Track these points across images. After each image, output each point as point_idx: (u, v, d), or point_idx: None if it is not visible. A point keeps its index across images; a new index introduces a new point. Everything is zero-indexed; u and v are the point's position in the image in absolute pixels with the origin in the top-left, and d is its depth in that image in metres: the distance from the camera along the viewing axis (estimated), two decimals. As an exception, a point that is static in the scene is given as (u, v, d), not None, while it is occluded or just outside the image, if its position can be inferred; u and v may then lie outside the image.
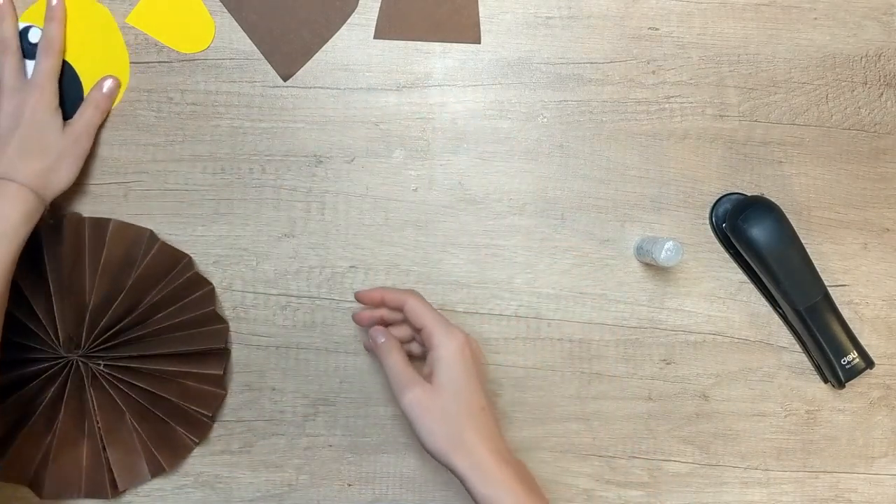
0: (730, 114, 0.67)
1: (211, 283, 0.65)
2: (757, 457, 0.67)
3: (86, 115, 0.64)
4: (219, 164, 0.66)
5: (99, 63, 0.66)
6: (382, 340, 0.59)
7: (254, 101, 0.66)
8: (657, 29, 0.67)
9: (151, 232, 0.64)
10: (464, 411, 0.55)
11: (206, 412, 0.64)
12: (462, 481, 0.55)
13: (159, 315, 0.63)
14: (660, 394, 0.67)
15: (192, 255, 0.65)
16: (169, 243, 0.65)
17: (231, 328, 0.66)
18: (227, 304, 0.66)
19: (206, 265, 0.66)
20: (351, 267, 0.66)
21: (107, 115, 0.65)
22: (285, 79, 0.67)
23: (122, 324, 0.62)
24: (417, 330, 0.59)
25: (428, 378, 0.57)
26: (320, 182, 0.67)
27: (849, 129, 0.68)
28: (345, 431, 0.66)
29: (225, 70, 0.66)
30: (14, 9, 0.64)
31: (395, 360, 0.58)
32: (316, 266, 0.67)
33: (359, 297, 0.62)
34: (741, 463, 0.67)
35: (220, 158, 0.66)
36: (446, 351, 0.56)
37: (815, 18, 0.68)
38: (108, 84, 0.65)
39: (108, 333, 0.62)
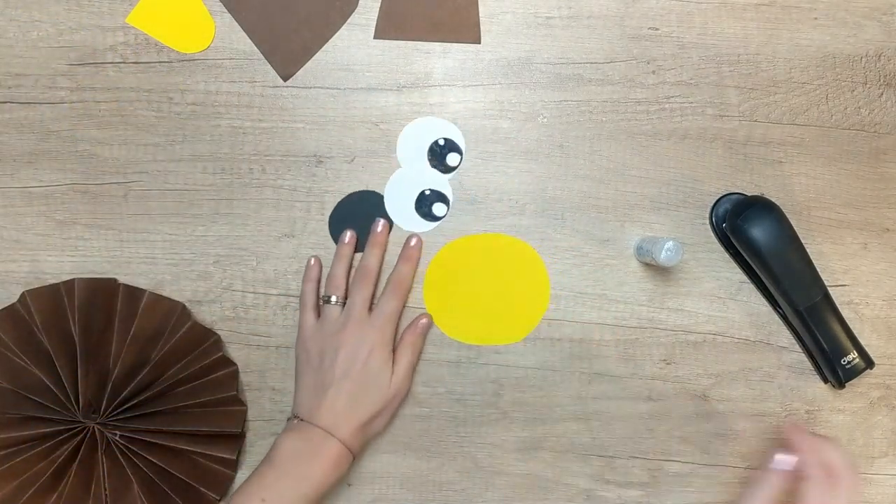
0: (730, 114, 0.67)
1: (235, 364, 0.65)
2: (757, 457, 0.67)
3: (404, 361, 0.63)
4: (219, 164, 0.66)
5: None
6: (789, 468, 0.57)
7: (254, 101, 0.66)
8: (657, 29, 0.67)
9: (184, 306, 0.64)
10: None
11: (214, 494, 0.63)
12: None
13: (180, 390, 0.63)
14: (660, 394, 0.67)
15: (220, 335, 0.65)
16: (200, 322, 0.65)
17: (231, 328, 0.66)
18: (227, 304, 0.66)
19: (206, 265, 0.66)
20: (351, 267, 0.66)
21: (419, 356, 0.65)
22: (285, 79, 0.67)
23: (143, 396, 0.62)
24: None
25: None
26: (320, 182, 0.67)
27: (849, 129, 0.68)
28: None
29: (225, 70, 0.66)
30: (386, 243, 0.65)
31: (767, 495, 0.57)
32: (316, 266, 0.67)
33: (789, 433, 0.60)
34: (741, 463, 0.67)
35: (220, 158, 0.66)
36: None
37: (815, 18, 0.68)
38: (422, 323, 0.65)
39: (129, 404, 0.62)
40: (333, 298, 0.63)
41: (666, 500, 0.67)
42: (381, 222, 0.65)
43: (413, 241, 0.65)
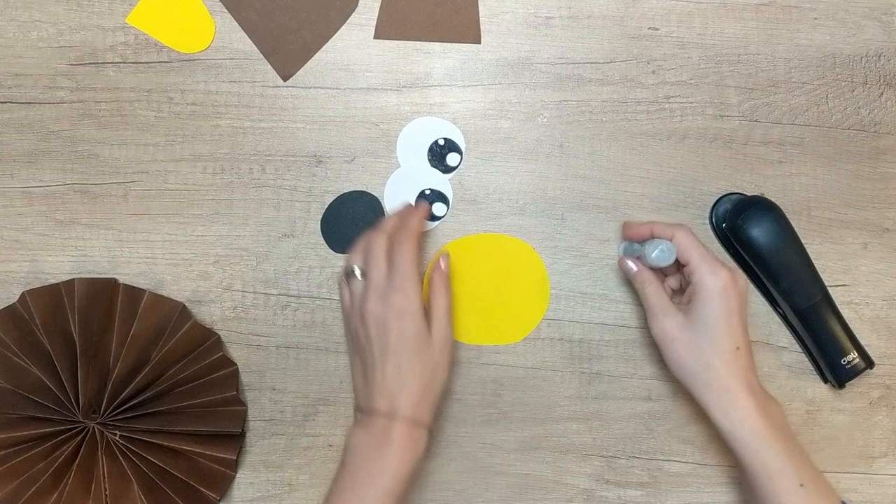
0: (730, 114, 0.67)
1: (235, 364, 0.65)
2: (757, 457, 0.67)
3: (439, 308, 0.59)
4: (219, 164, 0.66)
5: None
6: (635, 270, 0.61)
7: (254, 101, 0.66)
8: (657, 29, 0.67)
9: (184, 306, 0.64)
10: (714, 347, 0.56)
11: (214, 494, 0.63)
12: (706, 412, 0.56)
13: (180, 390, 0.63)
14: (660, 394, 0.67)
15: (220, 335, 0.65)
16: (200, 322, 0.65)
17: (231, 328, 0.66)
18: (227, 303, 0.66)
19: (206, 265, 0.66)
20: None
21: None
22: (285, 79, 0.67)
23: (143, 396, 0.62)
24: (682, 266, 0.59)
25: (685, 310, 0.58)
26: (320, 182, 0.67)
27: (849, 129, 0.68)
28: (345, 431, 0.66)
29: (225, 70, 0.66)
30: (415, 222, 0.61)
31: (653, 290, 0.60)
32: (316, 266, 0.67)
33: (627, 229, 0.63)
34: (741, 463, 0.67)
35: (220, 158, 0.66)
36: (707, 287, 0.57)
37: (815, 18, 0.68)
38: (444, 263, 0.62)
39: (129, 405, 0.62)
40: (357, 270, 0.59)
41: (666, 500, 0.67)
42: (423, 205, 0.65)
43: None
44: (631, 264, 0.62)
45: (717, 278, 0.57)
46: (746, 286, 0.59)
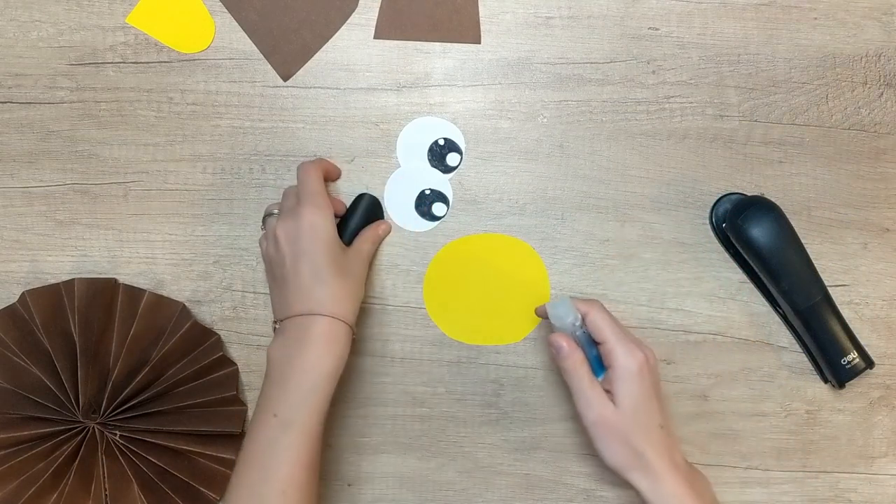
0: (730, 114, 0.67)
1: (235, 364, 0.65)
2: (757, 457, 0.67)
3: (366, 234, 0.64)
4: (219, 164, 0.66)
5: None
6: (564, 347, 0.57)
7: (254, 101, 0.66)
8: (657, 29, 0.67)
9: (184, 306, 0.64)
10: (643, 430, 0.56)
11: (214, 494, 0.63)
12: (641, 496, 0.55)
13: (180, 390, 0.63)
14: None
15: (220, 335, 0.65)
16: (200, 322, 0.65)
17: (231, 328, 0.66)
18: (227, 303, 0.66)
19: (206, 265, 0.66)
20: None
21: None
22: (285, 79, 0.67)
23: (143, 396, 0.62)
24: (598, 343, 0.58)
25: (608, 393, 0.57)
26: (320, 182, 0.67)
27: (849, 129, 0.68)
28: (344, 432, 0.66)
29: (225, 70, 0.66)
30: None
31: (582, 377, 0.57)
32: (316, 266, 0.67)
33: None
34: (741, 463, 0.67)
35: (220, 158, 0.66)
36: (627, 370, 0.56)
37: (815, 18, 0.68)
38: (382, 227, 0.65)
39: (129, 404, 0.62)
40: (275, 211, 0.62)
41: (666, 500, 0.67)
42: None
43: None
44: (562, 343, 0.57)
45: (634, 359, 0.56)
46: (657, 363, 0.58)
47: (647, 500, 0.55)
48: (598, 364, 0.58)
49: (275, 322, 0.59)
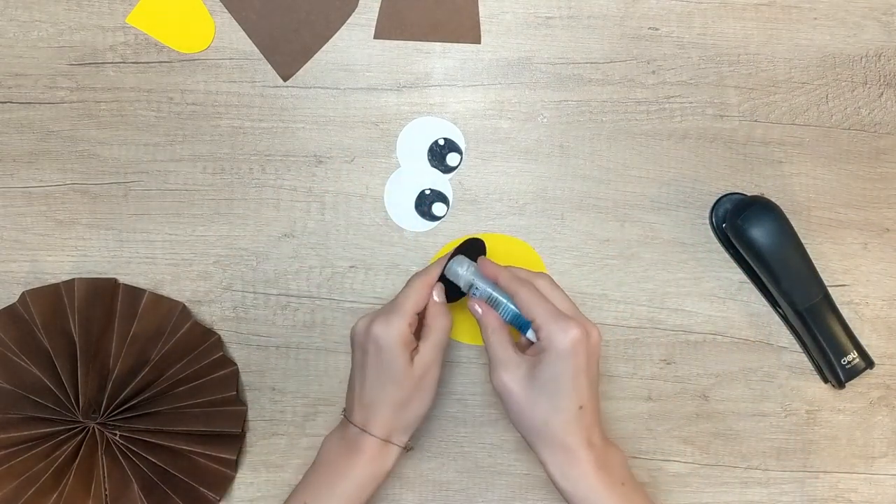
0: (730, 114, 0.67)
1: (235, 364, 0.65)
2: (757, 457, 0.67)
3: (427, 341, 0.58)
4: (219, 164, 0.66)
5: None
6: (480, 313, 0.58)
7: (254, 101, 0.66)
8: (657, 29, 0.67)
9: (184, 306, 0.64)
10: (557, 407, 0.54)
11: (214, 494, 0.63)
12: (546, 471, 0.55)
13: (180, 390, 0.63)
14: (660, 394, 0.67)
15: (220, 335, 0.65)
16: (200, 322, 0.65)
17: (231, 328, 0.66)
18: (227, 303, 0.66)
19: (206, 265, 0.66)
20: (351, 267, 0.67)
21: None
22: (285, 79, 0.67)
23: (143, 396, 0.62)
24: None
25: (531, 362, 0.55)
26: (320, 182, 0.67)
27: (849, 129, 0.68)
28: (345, 431, 0.66)
29: (225, 70, 0.66)
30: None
31: (497, 339, 0.57)
32: (316, 266, 0.67)
33: (481, 270, 0.59)
34: (741, 463, 0.67)
35: (220, 158, 0.66)
36: (555, 345, 0.54)
37: (815, 18, 0.68)
38: (437, 294, 0.59)
39: (129, 404, 0.62)
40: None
41: (666, 500, 0.67)
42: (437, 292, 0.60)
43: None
44: (477, 307, 0.58)
45: (566, 336, 0.54)
46: (600, 339, 0.56)
47: (552, 477, 0.55)
48: (524, 319, 0.57)
49: (344, 410, 0.60)
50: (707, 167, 0.67)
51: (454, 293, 0.60)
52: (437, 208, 0.66)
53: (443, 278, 0.60)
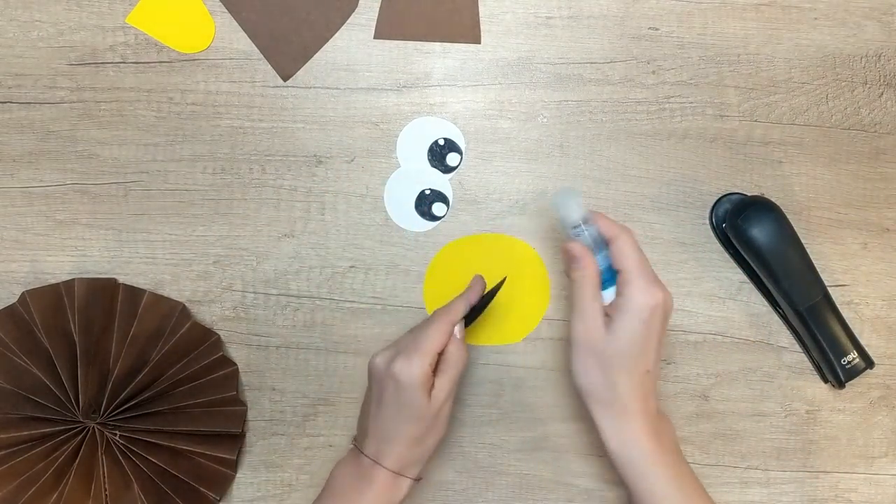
0: (730, 114, 0.67)
1: (235, 364, 0.65)
2: (757, 457, 0.67)
3: (443, 376, 0.57)
4: (219, 164, 0.66)
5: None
6: (580, 259, 0.55)
7: (254, 101, 0.66)
8: (657, 29, 0.67)
9: (184, 306, 0.64)
10: (626, 368, 0.54)
11: (214, 494, 0.63)
12: (597, 428, 0.55)
13: (180, 390, 0.63)
14: (660, 394, 0.67)
15: (220, 335, 0.65)
16: (200, 322, 0.65)
17: (231, 328, 0.66)
18: (227, 303, 0.66)
19: (206, 265, 0.66)
20: (351, 267, 0.67)
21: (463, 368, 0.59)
22: (285, 79, 0.67)
23: (143, 396, 0.62)
24: (617, 270, 0.55)
25: (607, 320, 0.54)
26: (320, 182, 0.67)
27: (849, 129, 0.68)
28: (345, 431, 0.66)
29: (225, 70, 0.66)
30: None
31: (589, 286, 0.55)
32: (316, 266, 0.67)
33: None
34: (741, 463, 0.67)
35: (220, 158, 0.66)
36: (638, 302, 0.53)
37: (815, 18, 0.68)
38: (459, 331, 0.59)
39: (129, 404, 0.62)
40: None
41: (666, 500, 0.67)
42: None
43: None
44: (579, 254, 0.55)
45: (651, 296, 0.53)
46: (671, 311, 0.56)
47: (605, 438, 0.54)
48: (609, 275, 0.56)
49: (354, 439, 0.60)
50: (707, 167, 0.67)
51: (469, 317, 0.60)
52: (437, 208, 0.66)
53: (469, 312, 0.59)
